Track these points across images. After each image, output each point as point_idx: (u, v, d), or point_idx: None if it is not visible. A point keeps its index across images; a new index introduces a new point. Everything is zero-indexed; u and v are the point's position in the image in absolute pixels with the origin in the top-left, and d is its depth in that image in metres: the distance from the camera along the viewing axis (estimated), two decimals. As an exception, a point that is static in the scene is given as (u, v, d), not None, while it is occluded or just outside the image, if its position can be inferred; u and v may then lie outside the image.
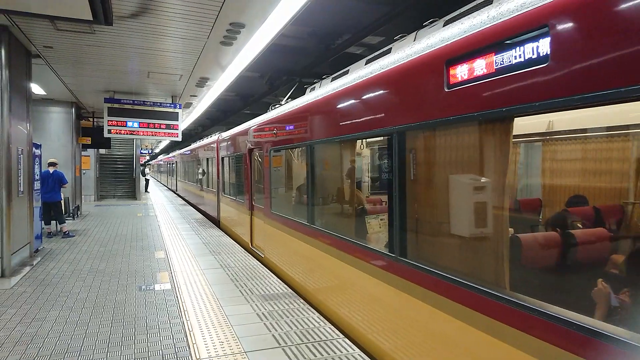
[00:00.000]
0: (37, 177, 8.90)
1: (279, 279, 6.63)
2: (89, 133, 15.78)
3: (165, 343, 4.33)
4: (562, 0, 2.23)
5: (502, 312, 2.56)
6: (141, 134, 11.18)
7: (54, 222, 10.88)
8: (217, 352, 4.04)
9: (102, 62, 8.52)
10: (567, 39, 2.18)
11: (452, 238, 3.30)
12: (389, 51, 4.56)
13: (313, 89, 6.98)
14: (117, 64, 8.62)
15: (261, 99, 14.24)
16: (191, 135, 30.28)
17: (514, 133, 2.66)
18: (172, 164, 31.60)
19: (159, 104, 11.28)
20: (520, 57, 2.43)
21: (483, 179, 3.03)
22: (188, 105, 14.02)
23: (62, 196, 11.25)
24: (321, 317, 4.95)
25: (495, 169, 2.90)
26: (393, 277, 3.73)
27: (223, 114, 20.02)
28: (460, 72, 2.90)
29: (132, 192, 23.12)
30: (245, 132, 9.63)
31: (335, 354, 4.01)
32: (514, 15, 2.52)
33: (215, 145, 13.81)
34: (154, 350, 4.17)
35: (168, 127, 11.34)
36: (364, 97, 4.33)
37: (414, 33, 4.30)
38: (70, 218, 13.40)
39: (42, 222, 9.77)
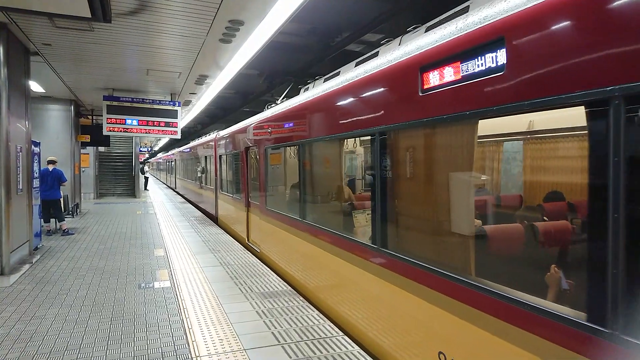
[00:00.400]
0: (36, 175, 8.89)
1: (278, 277, 6.64)
2: (88, 131, 15.75)
3: (165, 341, 4.33)
4: (517, 14, 2.47)
5: (456, 290, 2.98)
6: (140, 131, 11.16)
7: (54, 219, 10.88)
8: (217, 350, 4.05)
9: (101, 60, 8.50)
10: (521, 50, 2.42)
11: (426, 230, 3.73)
12: (376, 54, 4.69)
13: (307, 89, 7.16)
14: (116, 61, 8.61)
15: (260, 97, 14.24)
16: (190, 133, 30.25)
17: (502, 132, 2.99)
18: (171, 161, 32.02)
19: (158, 101, 11.26)
20: (481, 65, 2.70)
21: (455, 175, 3.28)
22: (187, 103, 14.00)
23: (62, 194, 11.24)
24: (321, 315, 4.96)
25: (463, 166, 3.16)
26: (370, 264, 4.15)
27: (222, 112, 20.00)
28: (433, 78, 3.18)
29: (131, 190, 23.12)
30: (241, 131, 9.94)
31: (335, 351, 4.01)
32: (477, 27, 2.79)
33: (213, 143, 14.07)
34: (153, 347, 4.17)
35: (167, 124, 11.32)
36: (349, 100, 4.63)
37: (399, 38, 4.43)
38: (70, 216, 13.40)
39: (42, 220, 9.77)
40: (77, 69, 9.43)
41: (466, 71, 2.84)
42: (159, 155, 55.21)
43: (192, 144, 20.49)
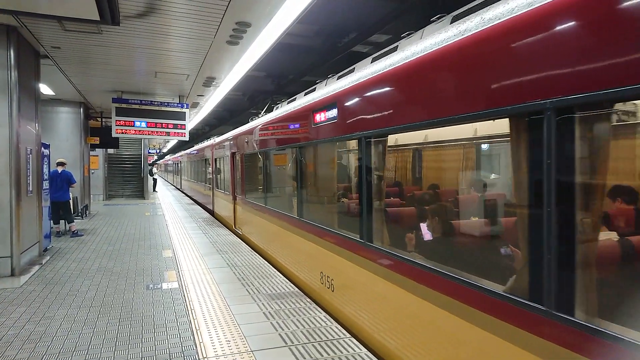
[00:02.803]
0: (45, 177, 8.98)
1: (284, 277, 6.65)
2: (97, 133, 15.87)
3: (173, 342, 4.34)
4: (341, 91, 4.96)
5: (324, 234, 5.51)
6: (149, 133, 11.22)
7: (63, 221, 10.97)
8: (224, 351, 4.05)
9: (110, 62, 8.57)
10: (343, 109, 4.85)
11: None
12: (353, 70, 5.82)
13: (275, 108, 9.45)
14: (125, 64, 8.67)
15: (267, 98, 14.26)
16: (198, 135, 30.40)
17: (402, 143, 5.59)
18: (177, 163, 35.41)
19: (166, 103, 11.32)
20: (331, 114, 5.14)
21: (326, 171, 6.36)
22: (195, 105, 14.07)
23: (71, 196, 11.34)
24: (328, 317, 4.94)
25: (331, 167, 6.19)
26: (293, 227, 6.83)
27: (229, 114, 20.07)
28: (317, 117, 5.60)
29: (140, 192, 23.27)
30: (229, 139, 12.52)
31: (342, 353, 4.00)
32: (328, 94, 5.32)
33: (210, 148, 16.52)
34: (161, 348, 4.19)
35: (175, 126, 11.38)
36: (283, 124, 7.21)
37: (370, 57, 5.45)
38: (79, 217, 13.50)
39: (51, 221, 9.86)
40: (86, 72, 9.51)
41: (327, 116, 5.27)
42: (167, 157, 56.14)
43: (194, 148, 23.30)
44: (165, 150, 53.18)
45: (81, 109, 14.60)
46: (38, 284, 6.49)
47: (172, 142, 34.60)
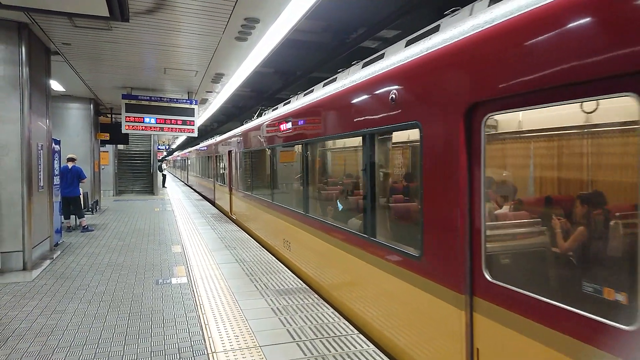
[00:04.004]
0: (56, 172, 9.06)
1: (293, 274, 6.67)
2: (107, 129, 15.99)
3: (182, 336, 4.37)
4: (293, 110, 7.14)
5: (284, 212, 7.71)
6: (158, 129, 11.29)
7: (73, 216, 11.08)
8: (233, 346, 4.07)
9: (119, 59, 8.62)
10: (293, 122, 7.03)
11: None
12: (334, 80, 6.51)
13: (267, 112, 10.75)
14: (134, 60, 8.72)
15: (275, 95, 14.26)
16: (207, 131, 30.49)
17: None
18: (185, 160, 38.16)
19: (175, 100, 11.38)
20: (289, 125, 7.24)
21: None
22: (204, 101, 14.12)
23: (81, 191, 11.44)
24: (335, 313, 4.95)
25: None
26: (268, 209, 8.97)
27: (238, 110, 20.11)
28: (281, 126, 7.66)
29: (149, 187, 23.42)
30: (227, 138, 14.67)
31: (350, 349, 4.00)
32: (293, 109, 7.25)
33: (211, 147, 18.82)
34: (170, 343, 4.22)
35: (184, 122, 11.44)
36: (265, 129, 8.95)
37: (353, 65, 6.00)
38: (89, 212, 13.63)
39: (62, 216, 9.96)
40: (96, 68, 9.57)
41: (287, 127, 7.29)
42: (175, 153, 57.06)
43: (199, 146, 25.86)
44: (174, 146, 53.49)
45: (91, 105, 14.71)
46: (49, 278, 6.57)
47: (181, 138, 34.80)
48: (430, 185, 3.40)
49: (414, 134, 3.73)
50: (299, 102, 7.13)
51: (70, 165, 10.86)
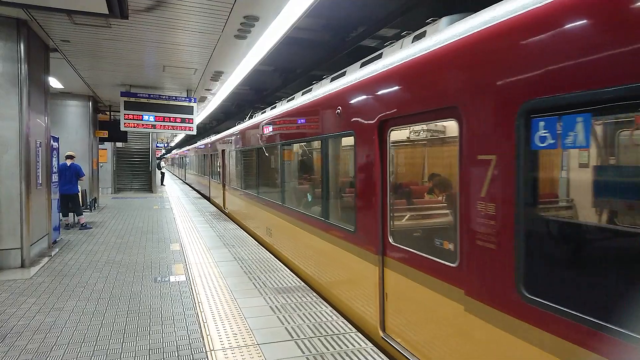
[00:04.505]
0: (55, 170, 9.05)
1: (289, 270, 6.67)
2: (106, 126, 15.94)
3: (180, 334, 4.37)
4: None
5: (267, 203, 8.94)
6: (157, 127, 11.27)
7: (72, 214, 11.07)
8: (231, 344, 4.07)
9: (118, 56, 8.60)
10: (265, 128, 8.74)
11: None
12: (309, 91, 7.26)
13: (255, 115, 12.04)
14: (133, 57, 8.70)
15: (274, 93, 14.24)
16: (206, 129, 30.44)
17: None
18: (182, 157, 39.81)
19: (174, 97, 11.36)
20: (269, 129, 8.52)
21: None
22: (203, 99, 14.10)
23: (80, 189, 11.43)
24: (334, 312, 4.96)
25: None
26: (250, 199, 10.62)
27: (237, 108, 20.07)
28: (264, 130, 8.89)
29: (148, 185, 23.40)
30: (220, 138, 16.05)
31: (348, 347, 4.00)
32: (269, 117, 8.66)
33: (207, 145, 20.16)
34: (168, 340, 4.22)
35: (183, 120, 11.43)
36: (249, 132, 10.51)
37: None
38: (88, 210, 13.62)
39: (60, 214, 9.95)
40: (95, 65, 9.55)
41: (267, 130, 8.66)
42: (173, 152, 57.41)
43: (196, 144, 27.18)
44: (172, 144, 53.44)
45: (90, 103, 14.68)
46: (48, 275, 6.56)
47: (180, 136, 34.77)
48: (360, 180, 4.63)
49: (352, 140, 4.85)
50: (277, 109, 8.42)
51: (68, 162, 10.84)
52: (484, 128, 2.83)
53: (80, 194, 11.52)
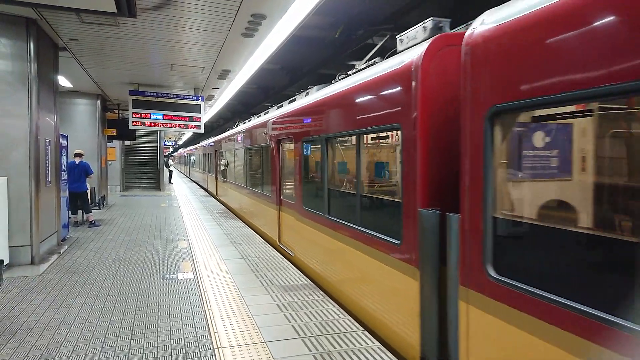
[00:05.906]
0: (64, 168, 9.12)
1: (294, 266, 6.68)
2: (114, 125, 16.02)
3: (188, 331, 4.39)
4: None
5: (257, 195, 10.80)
6: (165, 126, 11.32)
7: (81, 211, 11.16)
8: (238, 341, 4.08)
9: (126, 55, 8.64)
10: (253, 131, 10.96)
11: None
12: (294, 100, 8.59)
13: (250, 119, 13.11)
14: (141, 56, 8.73)
15: (281, 91, 14.25)
16: (213, 128, 30.55)
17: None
18: (189, 155, 42.27)
19: (182, 96, 11.39)
20: (262, 131, 10.00)
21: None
22: (210, 98, 14.13)
23: (88, 186, 11.51)
24: (340, 310, 4.95)
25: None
26: (243, 192, 12.52)
27: (244, 107, 20.12)
28: (254, 133, 10.89)
29: (156, 183, 23.52)
30: (218, 140, 18.28)
31: (355, 346, 4.00)
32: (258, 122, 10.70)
33: (206, 147, 22.54)
34: (176, 338, 4.24)
35: (191, 119, 11.46)
36: (247, 134, 11.55)
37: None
38: (97, 208, 13.72)
39: (69, 211, 10.03)
40: (103, 64, 9.60)
41: (256, 134, 10.55)
42: (180, 150, 58.57)
43: (201, 144, 29.05)
44: (180, 142, 53.72)
45: (98, 101, 14.75)
46: (57, 272, 6.62)
47: (187, 134, 34.93)
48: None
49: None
50: (261, 118, 10.63)
51: (77, 160, 10.93)
52: None
53: (89, 192, 11.60)
